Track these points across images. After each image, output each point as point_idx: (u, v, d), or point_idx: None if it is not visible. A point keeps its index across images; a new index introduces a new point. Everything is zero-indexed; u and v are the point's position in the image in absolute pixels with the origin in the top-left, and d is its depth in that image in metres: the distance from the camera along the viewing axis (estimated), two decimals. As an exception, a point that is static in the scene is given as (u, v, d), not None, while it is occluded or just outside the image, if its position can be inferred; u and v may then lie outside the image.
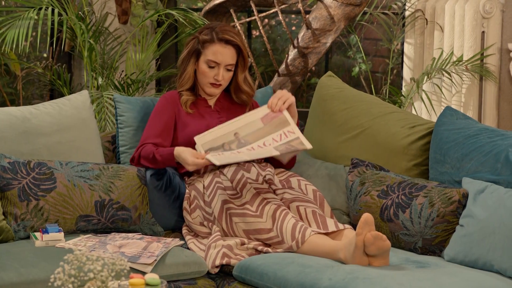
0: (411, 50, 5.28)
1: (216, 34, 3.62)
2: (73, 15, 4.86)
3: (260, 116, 3.49)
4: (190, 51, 3.67)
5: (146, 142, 3.61)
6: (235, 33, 3.65)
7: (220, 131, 3.47)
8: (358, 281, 2.88)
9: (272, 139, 3.43)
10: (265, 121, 3.46)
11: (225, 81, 3.66)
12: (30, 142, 3.53)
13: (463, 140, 3.41)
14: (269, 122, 3.47)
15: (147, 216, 3.51)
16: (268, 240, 3.31)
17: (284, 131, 3.46)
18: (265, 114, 3.50)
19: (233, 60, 3.64)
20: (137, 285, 2.48)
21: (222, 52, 3.61)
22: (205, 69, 3.63)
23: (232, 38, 3.62)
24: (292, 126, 3.48)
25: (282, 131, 3.46)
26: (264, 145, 3.43)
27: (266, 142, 3.43)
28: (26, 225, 3.33)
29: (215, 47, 3.62)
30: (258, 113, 3.52)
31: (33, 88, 5.75)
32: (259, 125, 3.47)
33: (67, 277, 2.38)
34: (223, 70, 3.63)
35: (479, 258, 3.06)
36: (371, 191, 3.43)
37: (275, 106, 3.53)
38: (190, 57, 3.67)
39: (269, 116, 3.49)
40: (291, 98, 3.57)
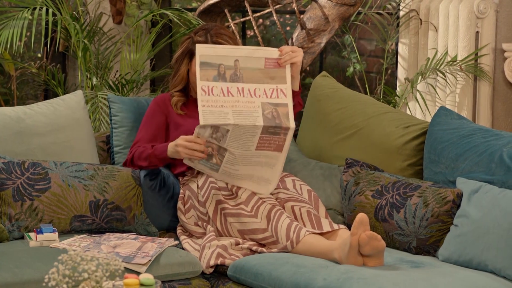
0: (405, 50, 5.29)
1: (210, 36, 3.61)
2: (67, 15, 4.85)
3: (266, 56, 3.41)
4: (184, 51, 3.67)
5: (137, 144, 3.61)
6: (229, 37, 3.64)
7: (224, 50, 3.38)
8: (353, 281, 2.88)
9: (264, 91, 3.37)
10: (267, 64, 3.40)
11: None
12: (24, 142, 3.52)
13: (458, 140, 3.41)
14: (270, 68, 3.40)
15: (142, 216, 3.51)
16: (262, 240, 3.32)
17: (278, 88, 3.39)
18: (271, 57, 3.41)
19: None
20: (132, 285, 2.48)
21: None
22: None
23: (225, 42, 3.61)
24: (287, 87, 3.42)
25: (276, 86, 3.40)
26: (254, 93, 3.35)
27: (257, 91, 3.36)
28: (20, 225, 3.33)
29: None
30: (266, 52, 3.42)
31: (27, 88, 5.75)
32: (261, 65, 3.40)
33: (62, 277, 2.38)
34: None
35: (473, 258, 3.06)
36: (366, 191, 3.43)
37: (283, 59, 3.43)
38: (184, 57, 3.67)
39: (273, 62, 3.42)
40: (299, 57, 3.47)
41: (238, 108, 3.33)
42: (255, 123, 3.31)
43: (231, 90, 3.34)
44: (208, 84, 3.32)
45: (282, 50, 3.43)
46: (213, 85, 3.32)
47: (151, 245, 3.25)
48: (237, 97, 3.35)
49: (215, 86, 3.33)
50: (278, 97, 3.40)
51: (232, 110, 3.31)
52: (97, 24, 5.18)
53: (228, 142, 3.30)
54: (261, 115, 3.34)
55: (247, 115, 3.32)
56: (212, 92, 3.32)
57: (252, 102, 3.36)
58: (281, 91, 3.41)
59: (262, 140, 3.33)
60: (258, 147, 3.34)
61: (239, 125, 3.28)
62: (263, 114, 3.34)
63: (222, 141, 3.30)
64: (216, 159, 3.35)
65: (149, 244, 3.25)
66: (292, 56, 3.43)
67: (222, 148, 3.32)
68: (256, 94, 3.37)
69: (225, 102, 3.32)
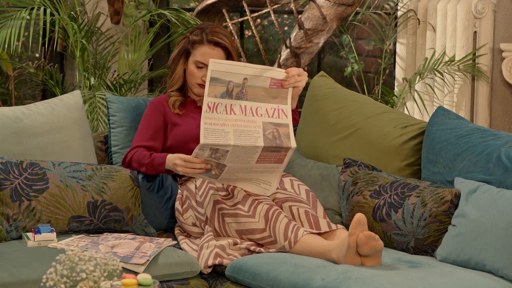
0: (403, 50, 5.29)
1: (206, 35, 3.61)
2: (65, 15, 4.85)
3: (272, 76, 3.40)
4: (180, 51, 3.66)
5: (137, 145, 3.61)
6: (225, 35, 3.63)
7: (236, 67, 3.35)
8: (351, 281, 2.88)
9: (266, 110, 3.37)
10: (271, 84, 3.40)
11: None
12: (22, 142, 3.52)
13: (455, 140, 3.41)
14: (274, 88, 3.41)
15: (140, 217, 3.51)
16: (260, 240, 3.31)
17: (279, 108, 3.41)
18: (277, 78, 3.41)
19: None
20: (130, 285, 2.48)
21: (210, 53, 3.61)
22: (193, 70, 3.63)
23: (221, 40, 3.61)
24: (288, 107, 3.42)
25: (278, 106, 3.40)
26: (256, 112, 3.34)
27: (259, 110, 3.36)
28: (18, 225, 3.33)
29: (203, 48, 3.61)
30: (274, 72, 3.41)
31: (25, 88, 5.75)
32: (266, 84, 3.39)
33: (60, 277, 2.38)
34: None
35: (471, 258, 3.06)
36: (364, 191, 3.43)
37: (288, 82, 3.41)
38: (180, 56, 3.67)
39: (278, 82, 3.41)
40: (303, 82, 3.45)
41: (240, 127, 3.31)
42: (255, 143, 3.29)
43: (234, 108, 3.33)
44: (215, 101, 3.30)
45: (289, 73, 3.41)
46: (219, 102, 3.31)
47: (149, 245, 3.25)
48: (239, 116, 3.34)
49: (220, 103, 3.31)
50: (279, 117, 3.39)
51: (233, 129, 3.30)
52: (95, 24, 5.18)
53: (228, 160, 3.30)
54: (262, 135, 3.32)
55: (248, 136, 3.31)
56: (216, 109, 3.31)
57: (254, 122, 3.35)
58: (282, 111, 3.40)
59: (262, 156, 3.33)
60: (258, 161, 3.33)
61: (239, 146, 3.27)
62: (264, 135, 3.33)
63: (221, 160, 3.30)
64: (215, 171, 3.34)
65: (147, 244, 3.25)
66: (297, 80, 3.42)
67: (222, 164, 3.31)
68: (258, 113, 3.37)
69: (227, 121, 3.31)
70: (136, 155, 3.58)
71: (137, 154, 3.58)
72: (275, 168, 3.37)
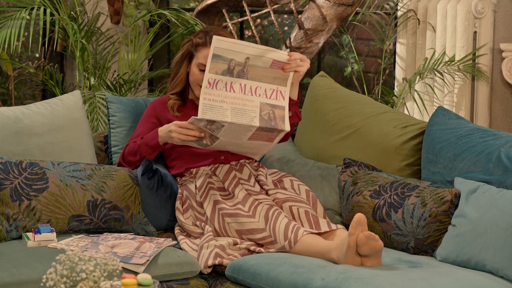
0: (403, 50, 5.29)
1: (209, 38, 3.58)
2: (65, 15, 4.85)
3: (274, 58, 3.42)
4: (184, 54, 3.66)
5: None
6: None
7: (239, 46, 3.38)
8: (351, 281, 2.88)
9: (264, 91, 3.41)
10: (272, 65, 3.43)
11: None
12: (22, 142, 3.52)
13: (455, 140, 3.41)
14: (275, 69, 3.43)
15: (140, 216, 3.51)
16: (260, 240, 3.32)
17: (278, 89, 3.44)
18: (279, 60, 3.43)
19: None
20: (130, 285, 2.48)
21: None
22: (196, 72, 3.62)
23: None
24: (287, 90, 3.45)
25: (277, 87, 3.44)
26: (255, 92, 3.39)
27: (258, 89, 3.40)
28: (18, 225, 3.33)
29: (206, 51, 3.58)
30: (276, 54, 3.43)
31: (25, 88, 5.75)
32: (267, 64, 3.42)
33: (59, 277, 2.38)
34: None
35: (471, 258, 3.06)
36: (364, 191, 3.43)
37: (289, 65, 3.43)
38: (184, 59, 3.66)
39: (279, 64, 3.44)
40: (304, 68, 3.47)
41: (237, 105, 3.37)
42: (251, 123, 3.35)
43: (233, 86, 3.38)
44: (215, 77, 3.36)
45: (292, 56, 3.44)
46: (219, 78, 3.36)
47: (149, 245, 3.25)
48: (238, 94, 3.39)
49: (220, 80, 3.36)
50: (276, 98, 3.43)
51: (231, 107, 3.35)
52: (95, 24, 5.18)
53: (222, 134, 3.34)
54: (258, 115, 3.37)
55: (245, 114, 3.36)
56: (216, 86, 3.36)
57: (252, 101, 3.39)
58: (280, 93, 3.44)
59: (255, 134, 3.39)
60: (250, 138, 3.41)
61: (235, 123, 3.31)
62: (260, 115, 3.37)
63: (215, 132, 3.34)
64: (207, 141, 3.40)
65: (147, 244, 3.25)
66: (298, 65, 3.45)
67: (214, 136, 3.36)
68: (257, 93, 3.41)
69: (226, 98, 3.36)
70: (128, 148, 3.60)
71: (128, 147, 3.60)
72: (264, 145, 3.46)
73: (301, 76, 3.49)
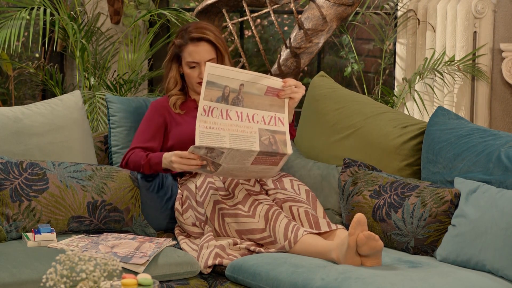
0: (403, 50, 5.29)
1: (187, 34, 3.63)
2: (65, 15, 4.85)
3: (268, 84, 3.40)
4: (171, 57, 3.70)
5: (135, 147, 3.62)
6: (207, 29, 3.65)
7: (233, 72, 3.35)
8: (351, 281, 2.88)
9: (262, 117, 3.37)
10: (267, 92, 3.40)
11: None
12: (22, 142, 3.52)
13: (455, 140, 3.41)
14: (270, 96, 3.40)
15: (140, 218, 3.51)
16: (260, 240, 3.32)
17: (276, 116, 3.40)
18: (273, 87, 3.40)
19: (211, 55, 3.63)
20: (130, 285, 2.48)
21: (196, 50, 3.62)
22: (188, 71, 3.65)
23: (201, 35, 3.62)
24: (285, 116, 3.42)
25: (275, 114, 3.40)
26: (252, 119, 3.35)
27: (256, 116, 3.36)
28: (18, 225, 3.33)
29: (189, 48, 3.63)
30: (270, 81, 3.41)
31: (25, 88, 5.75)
32: (262, 91, 3.39)
33: (59, 277, 2.38)
34: (204, 67, 3.59)
35: (471, 258, 3.06)
36: (364, 191, 3.43)
37: (284, 92, 3.42)
38: (172, 62, 3.70)
39: (274, 91, 3.41)
40: (299, 94, 3.46)
41: (236, 132, 3.32)
42: (251, 148, 3.29)
43: (229, 114, 3.34)
44: (210, 104, 3.31)
45: (286, 82, 3.42)
46: (214, 106, 3.32)
47: (149, 245, 3.25)
48: (235, 121, 3.34)
49: (216, 108, 3.32)
50: (276, 124, 3.39)
51: (229, 133, 3.30)
52: (95, 24, 5.18)
53: (223, 160, 3.30)
54: (258, 140, 3.32)
55: (244, 140, 3.31)
56: (211, 113, 3.31)
57: (250, 128, 3.35)
58: (279, 119, 3.40)
59: (258, 159, 3.33)
60: (254, 163, 3.35)
61: (234, 149, 3.27)
62: (260, 140, 3.33)
63: (216, 159, 3.30)
64: (210, 168, 3.35)
65: (147, 244, 3.25)
66: (293, 91, 3.43)
67: (217, 163, 3.31)
68: (255, 120, 3.37)
69: (223, 125, 3.32)
70: (133, 156, 3.59)
71: (134, 155, 3.59)
72: (270, 169, 3.38)
73: (296, 102, 3.46)
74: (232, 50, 5.64)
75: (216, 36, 3.65)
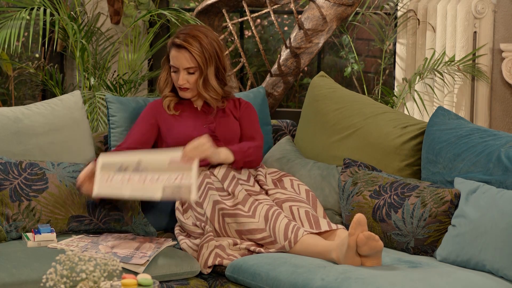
0: (403, 50, 5.29)
1: (175, 38, 3.59)
2: (65, 15, 4.85)
3: (170, 157, 3.28)
4: (165, 57, 3.68)
5: (122, 146, 3.60)
6: (195, 37, 3.55)
7: (126, 156, 3.30)
8: (351, 281, 2.88)
9: (167, 177, 3.22)
10: (171, 164, 3.27)
11: (190, 85, 3.60)
12: (22, 142, 3.52)
13: (455, 140, 3.41)
14: (175, 166, 3.26)
15: (140, 216, 3.51)
16: (260, 240, 3.32)
17: (182, 175, 3.23)
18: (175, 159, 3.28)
19: (190, 63, 3.56)
20: (130, 285, 2.48)
21: (176, 56, 3.58)
22: (172, 75, 3.64)
23: (183, 43, 3.55)
24: (192, 174, 3.22)
25: (182, 173, 3.23)
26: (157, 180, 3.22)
27: (160, 177, 3.23)
28: (18, 225, 3.33)
29: (172, 52, 3.60)
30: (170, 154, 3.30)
31: (25, 89, 5.75)
32: (164, 164, 3.26)
33: (59, 277, 2.38)
34: (183, 73, 3.58)
35: (471, 258, 3.06)
36: (364, 191, 3.43)
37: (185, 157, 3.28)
38: (164, 63, 3.70)
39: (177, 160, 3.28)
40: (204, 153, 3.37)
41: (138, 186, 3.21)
42: (153, 196, 3.18)
43: (132, 177, 3.24)
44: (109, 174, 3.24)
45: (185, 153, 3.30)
46: (114, 175, 3.23)
47: (149, 245, 3.25)
48: (138, 183, 3.23)
49: (115, 177, 3.23)
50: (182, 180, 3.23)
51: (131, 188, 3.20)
52: (95, 24, 5.18)
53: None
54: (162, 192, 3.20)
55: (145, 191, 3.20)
56: (111, 181, 3.23)
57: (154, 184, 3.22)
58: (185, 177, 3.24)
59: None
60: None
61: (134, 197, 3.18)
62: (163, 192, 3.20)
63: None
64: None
65: (147, 244, 3.25)
66: (194, 154, 3.29)
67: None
68: (160, 180, 3.23)
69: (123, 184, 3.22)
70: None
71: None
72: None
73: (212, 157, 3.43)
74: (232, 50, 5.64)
75: (199, 49, 3.55)
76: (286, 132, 4.09)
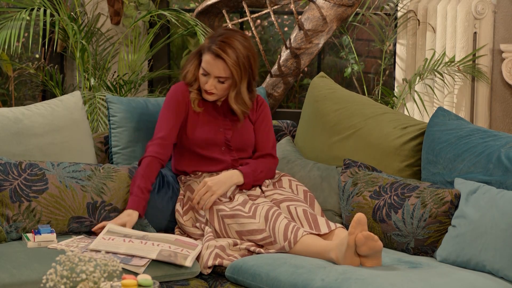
0: (403, 50, 5.29)
1: (213, 43, 3.46)
2: (65, 15, 4.85)
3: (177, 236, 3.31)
4: (197, 51, 3.56)
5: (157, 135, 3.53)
6: (232, 47, 3.45)
7: (133, 231, 3.30)
8: (351, 282, 2.88)
9: (168, 246, 3.21)
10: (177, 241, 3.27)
11: (218, 91, 3.52)
12: (22, 143, 3.52)
13: (455, 141, 3.41)
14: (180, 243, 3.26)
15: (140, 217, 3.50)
16: (261, 241, 3.32)
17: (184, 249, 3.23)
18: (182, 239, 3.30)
19: (223, 73, 3.47)
20: (130, 286, 2.48)
21: (212, 63, 3.47)
22: (200, 75, 3.56)
23: (223, 53, 3.44)
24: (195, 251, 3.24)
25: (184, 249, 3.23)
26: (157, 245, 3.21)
27: (161, 244, 3.21)
28: (18, 226, 3.33)
29: (207, 56, 3.48)
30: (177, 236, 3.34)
31: (25, 89, 5.75)
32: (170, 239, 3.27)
33: (59, 278, 2.38)
34: (213, 80, 3.49)
35: (471, 258, 3.06)
36: (364, 192, 3.43)
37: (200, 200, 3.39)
38: (194, 57, 3.57)
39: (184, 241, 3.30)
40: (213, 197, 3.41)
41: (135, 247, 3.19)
42: (147, 255, 3.14)
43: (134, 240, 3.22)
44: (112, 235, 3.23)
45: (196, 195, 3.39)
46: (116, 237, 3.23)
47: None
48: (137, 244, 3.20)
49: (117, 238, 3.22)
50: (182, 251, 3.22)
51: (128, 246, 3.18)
52: (95, 25, 5.18)
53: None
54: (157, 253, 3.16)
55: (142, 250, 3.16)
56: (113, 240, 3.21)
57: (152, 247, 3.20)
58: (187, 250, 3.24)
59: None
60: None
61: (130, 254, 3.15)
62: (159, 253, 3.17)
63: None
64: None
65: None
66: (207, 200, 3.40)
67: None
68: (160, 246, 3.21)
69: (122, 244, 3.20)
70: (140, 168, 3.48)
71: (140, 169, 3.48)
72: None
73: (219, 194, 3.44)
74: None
75: (236, 61, 3.45)
76: (286, 133, 4.09)
